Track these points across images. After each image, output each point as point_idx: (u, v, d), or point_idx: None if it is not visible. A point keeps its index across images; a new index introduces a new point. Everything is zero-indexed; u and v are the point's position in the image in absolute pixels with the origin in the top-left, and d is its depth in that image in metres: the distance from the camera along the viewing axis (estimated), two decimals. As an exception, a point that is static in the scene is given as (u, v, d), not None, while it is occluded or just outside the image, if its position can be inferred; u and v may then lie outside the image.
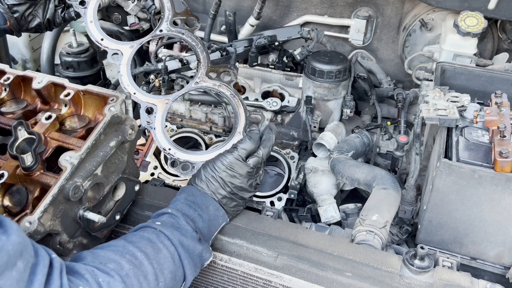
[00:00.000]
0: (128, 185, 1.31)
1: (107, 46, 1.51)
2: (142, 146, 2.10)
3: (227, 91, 1.47)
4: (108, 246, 1.06)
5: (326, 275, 1.20)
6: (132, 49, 1.52)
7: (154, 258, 1.05)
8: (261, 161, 1.29)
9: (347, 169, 1.69)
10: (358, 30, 2.28)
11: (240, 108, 1.46)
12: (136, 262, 1.01)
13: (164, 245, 1.09)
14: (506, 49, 2.07)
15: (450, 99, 1.49)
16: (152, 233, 1.10)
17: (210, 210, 1.24)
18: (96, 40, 1.51)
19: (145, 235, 1.09)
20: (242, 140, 1.30)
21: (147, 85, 2.17)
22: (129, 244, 1.04)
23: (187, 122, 2.14)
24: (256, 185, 1.32)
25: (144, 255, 1.03)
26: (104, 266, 0.96)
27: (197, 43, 1.54)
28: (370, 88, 2.12)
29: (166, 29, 1.57)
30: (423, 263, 1.19)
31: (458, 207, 1.33)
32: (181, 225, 1.15)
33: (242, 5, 2.43)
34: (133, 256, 1.02)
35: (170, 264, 1.08)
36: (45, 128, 1.18)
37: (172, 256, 1.09)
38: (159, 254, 1.06)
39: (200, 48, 1.53)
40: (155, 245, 1.07)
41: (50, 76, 1.30)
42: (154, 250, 1.06)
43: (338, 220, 1.72)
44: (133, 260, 1.01)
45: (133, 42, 1.54)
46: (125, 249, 1.02)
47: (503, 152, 1.24)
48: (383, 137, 2.02)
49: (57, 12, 1.53)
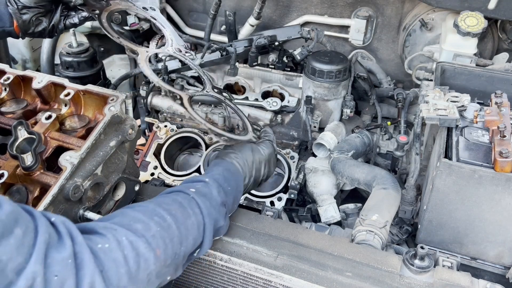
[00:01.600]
0: (128, 185, 1.31)
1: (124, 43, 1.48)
2: (142, 146, 2.10)
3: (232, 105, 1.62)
4: (139, 206, 1.07)
5: (326, 275, 1.20)
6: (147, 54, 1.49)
7: (182, 223, 1.07)
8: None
9: (347, 169, 1.69)
10: (358, 30, 2.28)
11: (245, 119, 1.58)
12: (165, 225, 1.03)
13: (194, 212, 1.11)
14: (506, 49, 2.07)
15: (450, 99, 1.49)
16: (185, 198, 1.13)
17: (238, 190, 1.29)
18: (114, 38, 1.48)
19: (177, 198, 1.12)
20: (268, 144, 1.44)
21: (147, 85, 2.17)
22: (160, 206, 1.06)
23: (187, 122, 2.14)
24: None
25: (173, 218, 1.05)
26: (131, 226, 0.97)
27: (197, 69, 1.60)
28: (370, 88, 2.12)
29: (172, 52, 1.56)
30: (423, 263, 1.19)
31: (458, 207, 1.33)
32: (213, 196, 1.18)
33: (242, 5, 2.43)
34: (162, 219, 1.03)
35: (195, 231, 1.11)
36: (45, 128, 1.18)
37: (198, 225, 1.12)
38: (188, 220, 1.09)
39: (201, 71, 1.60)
40: (185, 210, 1.10)
41: (50, 76, 1.31)
42: (184, 215, 1.08)
43: (338, 220, 1.72)
44: (161, 223, 1.02)
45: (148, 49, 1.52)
46: (155, 211, 1.04)
47: (503, 152, 1.24)
48: (383, 137, 2.02)
49: (61, 19, 1.55)
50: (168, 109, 2.15)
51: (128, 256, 0.92)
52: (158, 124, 2.10)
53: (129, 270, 0.91)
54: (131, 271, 0.92)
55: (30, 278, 0.74)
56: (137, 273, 0.93)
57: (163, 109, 2.16)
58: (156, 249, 0.98)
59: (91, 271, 0.83)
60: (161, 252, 0.99)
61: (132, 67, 2.61)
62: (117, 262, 0.89)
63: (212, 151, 2.01)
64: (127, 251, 0.92)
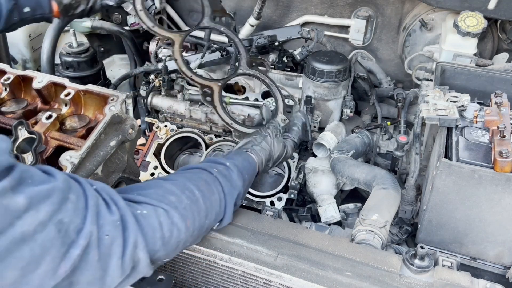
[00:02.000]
0: (129, 184, 1.31)
1: (158, 32, 1.71)
2: (142, 146, 2.10)
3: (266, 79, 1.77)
4: (171, 179, 1.15)
5: (326, 275, 1.21)
6: (181, 38, 1.72)
7: (208, 198, 1.16)
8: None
9: (347, 169, 1.69)
10: (358, 30, 2.28)
11: (277, 93, 1.76)
12: (194, 199, 1.11)
13: (217, 190, 1.20)
14: (506, 49, 2.07)
15: (450, 99, 1.49)
16: (209, 176, 1.21)
17: (249, 181, 1.38)
18: (148, 27, 1.71)
19: (203, 176, 1.20)
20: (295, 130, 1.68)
21: (147, 85, 2.17)
22: (190, 181, 1.15)
23: (187, 122, 2.14)
24: None
25: (201, 193, 1.14)
26: (165, 197, 1.06)
27: (234, 37, 1.80)
28: (370, 88, 2.12)
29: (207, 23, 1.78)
30: (423, 263, 1.19)
31: (458, 207, 1.33)
32: (233, 179, 1.27)
33: (242, 5, 2.43)
34: (192, 193, 1.12)
35: (217, 207, 1.20)
36: (46, 128, 1.18)
37: (220, 202, 1.21)
38: (212, 196, 1.18)
39: (238, 43, 1.79)
40: (210, 187, 1.19)
41: (50, 76, 1.31)
42: (209, 192, 1.17)
43: (338, 220, 1.72)
44: (191, 196, 1.11)
45: (182, 32, 1.75)
46: (185, 185, 1.13)
47: (503, 152, 1.24)
48: (383, 137, 2.02)
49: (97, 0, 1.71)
50: (168, 109, 2.15)
51: (163, 223, 1.01)
52: (158, 124, 2.11)
53: (163, 236, 1.00)
54: (165, 237, 1.01)
55: (87, 237, 0.85)
56: (169, 240, 1.02)
57: (163, 109, 2.16)
58: (187, 220, 1.07)
59: (135, 232, 0.94)
60: (191, 223, 1.09)
61: (132, 67, 2.61)
62: (153, 227, 0.99)
63: (212, 151, 2.01)
64: (162, 218, 1.01)
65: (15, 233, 0.74)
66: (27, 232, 0.76)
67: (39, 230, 0.77)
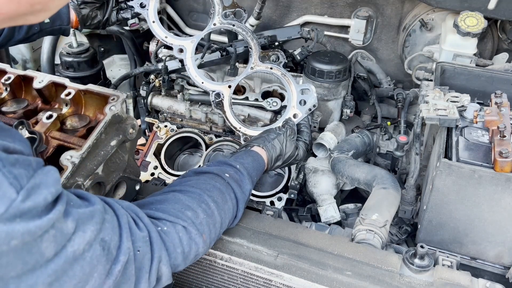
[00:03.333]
0: (129, 184, 1.31)
1: (172, 42, 1.77)
2: (142, 146, 2.10)
3: (278, 71, 1.74)
4: (187, 191, 1.17)
5: (326, 274, 1.21)
6: (193, 44, 1.78)
7: (222, 208, 1.19)
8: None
9: (347, 169, 1.69)
10: (358, 30, 2.28)
11: (291, 85, 1.70)
12: (209, 212, 1.15)
13: (230, 197, 1.23)
14: (506, 49, 2.07)
15: (450, 99, 1.49)
16: (222, 184, 1.24)
17: (257, 180, 1.40)
18: (161, 38, 1.77)
19: (217, 185, 1.22)
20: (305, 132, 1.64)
21: (147, 85, 2.17)
22: (204, 192, 1.17)
23: (187, 122, 2.14)
24: None
25: (216, 205, 1.17)
26: (183, 213, 1.09)
27: (247, 32, 1.78)
28: (370, 88, 2.12)
29: (219, 22, 1.79)
30: (423, 262, 1.19)
31: (458, 207, 1.33)
32: (244, 183, 1.29)
33: (242, 5, 2.43)
34: (207, 206, 1.15)
35: (230, 214, 1.24)
36: (46, 128, 1.18)
37: (233, 208, 1.25)
38: (226, 205, 1.21)
39: (250, 36, 1.79)
40: (224, 196, 1.22)
41: (51, 76, 1.31)
42: (223, 201, 1.21)
43: (338, 220, 1.72)
44: (207, 210, 1.15)
45: (193, 38, 1.80)
46: (201, 198, 1.16)
47: (503, 152, 1.24)
48: (383, 137, 2.03)
49: (113, 13, 1.80)
50: (168, 109, 2.15)
51: (182, 238, 1.06)
52: (158, 124, 2.11)
53: (183, 251, 1.06)
54: (185, 252, 1.07)
55: (126, 253, 0.91)
56: (189, 254, 1.08)
57: (163, 109, 2.17)
58: (204, 234, 1.11)
59: (159, 248, 1.00)
60: (207, 237, 1.13)
61: (132, 67, 2.61)
62: (174, 243, 1.04)
63: (212, 151, 2.02)
64: (181, 234, 1.06)
65: (67, 253, 0.79)
66: (78, 252, 0.81)
67: (87, 249, 0.83)
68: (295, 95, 1.69)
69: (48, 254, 0.76)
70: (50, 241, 0.76)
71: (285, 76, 1.72)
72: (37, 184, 0.75)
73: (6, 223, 0.69)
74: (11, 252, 0.70)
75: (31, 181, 0.74)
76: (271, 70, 1.74)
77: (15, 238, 0.70)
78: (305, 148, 1.61)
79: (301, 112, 1.68)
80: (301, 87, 1.70)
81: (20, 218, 0.71)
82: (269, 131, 1.53)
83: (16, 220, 0.70)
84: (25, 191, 0.72)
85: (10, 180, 0.71)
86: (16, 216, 0.70)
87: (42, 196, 0.75)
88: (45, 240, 0.75)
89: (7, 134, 0.78)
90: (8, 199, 0.70)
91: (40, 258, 0.75)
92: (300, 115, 1.68)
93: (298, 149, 1.56)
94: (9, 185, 0.71)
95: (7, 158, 0.72)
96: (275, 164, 1.48)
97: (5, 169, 0.71)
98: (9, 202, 0.70)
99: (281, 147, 1.49)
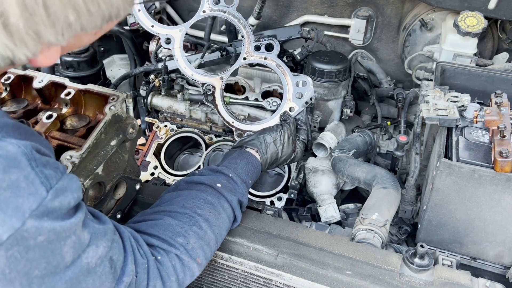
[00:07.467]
0: (129, 184, 1.31)
1: (158, 32, 1.66)
2: (142, 146, 2.10)
3: (273, 62, 1.63)
4: (176, 212, 1.15)
5: (326, 274, 1.21)
6: (181, 33, 1.66)
7: (215, 224, 1.17)
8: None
9: (347, 168, 1.69)
10: (358, 30, 2.28)
11: (287, 76, 1.61)
12: (201, 233, 1.13)
13: (223, 208, 1.21)
14: (506, 49, 2.07)
15: (450, 99, 1.49)
16: (214, 196, 1.21)
17: (253, 182, 1.39)
18: (148, 28, 1.67)
19: (208, 199, 1.19)
20: (303, 129, 1.55)
21: (147, 85, 2.17)
22: (195, 213, 1.15)
23: (187, 122, 2.14)
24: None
25: (207, 224, 1.15)
26: (174, 240, 1.09)
27: (239, 19, 1.66)
28: (370, 88, 2.12)
29: (208, 9, 1.66)
30: (423, 262, 1.19)
31: (458, 207, 1.33)
32: (238, 191, 1.27)
33: (242, 5, 2.43)
34: (199, 227, 1.13)
35: (226, 224, 1.22)
36: (46, 128, 1.18)
37: (229, 217, 1.23)
38: (219, 219, 1.19)
39: (243, 23, 1.65)
40: (216, 209, 1.19)
41: (50, 76, 1.31)
42: (215, 216, 1.18)
43: (338, 220, 1.72)
44: (198, 232, 1.13)
45: (181, 26, 1.67)
46: (191, 220, 1.14)
47: (503, 152, 1.24)
48: (383, 137, 2.03)
49: None
50: (168, 109, 2.15)
51: (176, 266, 1.07)
52: (158, 124, 2.11)
53: (177, 278, 1.07)
54: (179, 279, 1.07)
55: (130, 275, 0.94)
56: (184, 280, 1.09)
57: (163, 109, 2.16)
58: (197, 258, 1.11)
59: (155, 277, 1.02)
60: (202, 259, 1.13)
61: (132, 67, 2.61)
62: (168, 272, 1.05)
63: (212, 151, 2.01)
64: (175, 262, 1.07)
65: (82, 263, 0.82)
66: (91, 265, 0.84)
67: (98, 264, 0.86)
68: (291, 88, 1.61)
69: (68, 259, 0.80)
70: (70, 246, 0.80)
71: (280, 67, 1.62)
72: (64, 186, 0.79)
73: (36, 219, 0.73)
74: (37, 248, 0.74)
75: (60, 182, 0.78)
76: (265, 60, 1.64)
77: (42, 234, 0.74)
78: (303, 147, 1.55)
79: (297, 106, 1.59)
80: (297, 79, 1.61)
81: (47, 217, 0.75)
82: (266, 132, 1.46)
83: (44, 217, 0.75)
84: (54, 191, 0.76)
85: (41, 179, 0.75)
86: (44, 214, 0.75)
87: (67, 199, 0.79)
88: (67, 244, 0.79)
89: (36, 139, 0.81)
90: (39, 196, 0.74)
91: (61, 261, 0.78)
92: (296, 108, 1.59)
93: (296, 150, 1.51)
94: (41, 184, 0.75)
95: (40, 159, 0.77)
96: (270, 167, 1.47)
97: (38, 169, 0.75)
98: (40, 200, 0.74)
99: (277, 152, 1.44)
